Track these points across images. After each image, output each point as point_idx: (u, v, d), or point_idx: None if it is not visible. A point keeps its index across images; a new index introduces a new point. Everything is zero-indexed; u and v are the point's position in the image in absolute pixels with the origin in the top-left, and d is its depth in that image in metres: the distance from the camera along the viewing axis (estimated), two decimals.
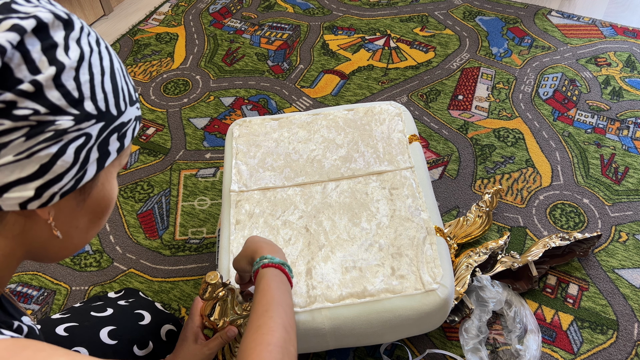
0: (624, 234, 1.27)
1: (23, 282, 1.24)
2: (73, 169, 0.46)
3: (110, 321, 0.83)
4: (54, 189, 0.45)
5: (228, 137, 1.20)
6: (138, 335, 0.83)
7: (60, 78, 0.43)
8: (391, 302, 0.89)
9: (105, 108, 0.47)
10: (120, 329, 0.82)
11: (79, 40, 0.45)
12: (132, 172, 1.47)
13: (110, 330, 0.81)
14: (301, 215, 1.03)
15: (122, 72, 0.51)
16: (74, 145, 0.45)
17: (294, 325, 0.68)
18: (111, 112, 0.48)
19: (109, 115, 0.48)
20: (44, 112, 0.42)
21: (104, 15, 2.06)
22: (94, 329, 0.81)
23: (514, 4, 1.97)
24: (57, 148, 0.44)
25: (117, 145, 0.50)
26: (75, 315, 0.83)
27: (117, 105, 0.49)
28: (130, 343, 0.81)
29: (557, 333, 1.11)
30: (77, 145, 0.45)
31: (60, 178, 0.45)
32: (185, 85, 1.72)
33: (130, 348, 0.81)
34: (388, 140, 1.14)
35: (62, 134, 0.44)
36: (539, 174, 1.40)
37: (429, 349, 1.08)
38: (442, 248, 0.96)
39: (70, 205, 0.49)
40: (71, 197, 0.48)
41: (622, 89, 1.62)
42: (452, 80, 1.68)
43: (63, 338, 0.78)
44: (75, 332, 0.79)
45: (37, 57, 0.42)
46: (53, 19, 0.43)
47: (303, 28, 1.92)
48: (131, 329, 0.84)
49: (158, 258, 1.27)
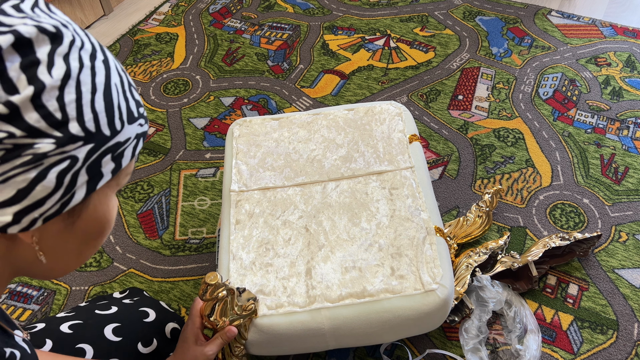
0: (624, 234, 1.27)
1: (23, 282, 1.24)
2: (56, 194, 0.42)
3: (115, 319, 0.83)
4: (34, 214, 0.42)
5: (228, 137, 1.20)
6: (142, 332, 0.83)
7: (41, 98, 0.39)
8: (391, 302, 0.89)
9: (96, 129, 0.43)
10: (124, 326, 0.82)
11: (67, 56, 0.41)
12: (132, 172, 1.47)
13: (114, 328, 0.81)
14: (301, 215, 1.03)
15: (121, 88, 0.46)
16: (56, 169, 0.41)
17: None
18: (103, 132, 0.44)
19: (99, 136, 0.44)
20: (20, 135, 0.39)
21: (104, 15, 2.06)
22: (98, 326, 0.80)
23: (514, 4, 1.97)
24: (36, 173, 0.40)
25: (112, 166, 0.46)
26: (79, 313, 0.83)
27: (110, 125, 0.44)
28: (135, 340, 0.81)
29: (557, 333, 1.11)
30: (60, 169, 0.41)
31: (42, 203, 0.42)
32: (185, 85, 1.72)
33: (134, 345, 0.81)
34: (388, 140, 1.14)
35: (41, 158, 0.40)
36: (539, 174, 1.40)
37: (429, 349, 1.08)
38: (442, 248, 0.96)
39: (58, 228, 0.45)
40: (58, 220, 0.45)
41: (622, 89, 1.62)
42: (452, 80, 1.68)
43: (67, 335, 0.78)
44: (79, 330, 0.79)
45: (15, 76, 0.38)
46: (37, 33, 0.39)
47: (303, 28, 1.92)
48: (136, 326, 0.83)
49: (158, 258, 1.27)
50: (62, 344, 0.77)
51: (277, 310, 0.89)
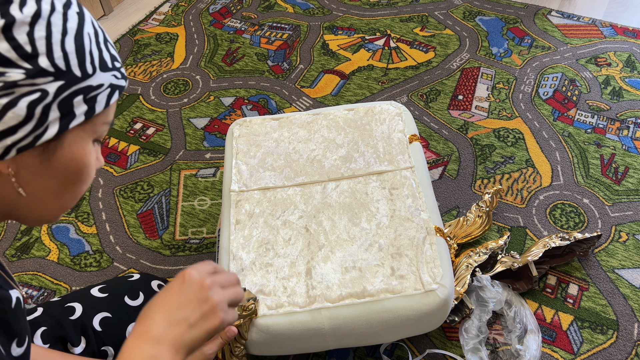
0: (624, 234, 1.27)
1: (23, 282, 1.24)
2: (28, 124, 0.45)
3: (101, 283, 0.89)
4: (6, 142, 0.45)
5: (228, 137, 1.20)
6: (128, 288, 0.87)
7: (11, 31, 0.43)
8: (391, 302, 0.89)
9: (66, 67, 0.47)
10: (110, 285, 0.87)
11: (40, 0, 0.46)
12: (132, 172, 1.47)
13: (100, 287, 0.86)
14: (301, 215, 1.03)
15: (95, 39, 0.50)
16: (27, 99, 0.45)
17: None
18: (73, 72, 0.47)
19: (70, 75, 0.47)
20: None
21: (104, 15, 2.06)
22: (85, 290, 0.86)
23: (514, 4, 1.97)
24: (7, 100, 0.44)
25: (85, 108, 0.49)
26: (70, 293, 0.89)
27: (81, 67, 0.48)
28: (121, 295, 0.85)
29: (557, 333, 1.11)
30: (31, 99, 0.45)
31: (14, 131, 0.45)
32: (185, 85, 1.72)
33: (121, 299, 0.85)
34: (388, 140, 1.14)
35: (12, 86, 0.44)
36: (539, 174, 1.40)
37: (429, 349, 1.08)
38: (442, 248, 0.96)
39: (34, 162, 0.48)
40: (33, 155, 0.47)
41: (622, 89, 1.62)
42: (452, 80, 1.68)
43: (56, 301, 0.83)
44: (67, 296, 0.85)
45: None
46: None
47: (303, 28, 1.92)
48: (120, 284, 0.88)
49: (158, 258, 1.27)
50: (50, 304, 0.81)
51: (277, 310, 0.89)
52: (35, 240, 1.33)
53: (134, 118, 1.63)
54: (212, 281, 0.61)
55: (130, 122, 1.61)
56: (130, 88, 1.73)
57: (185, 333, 0.57)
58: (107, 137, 1.57)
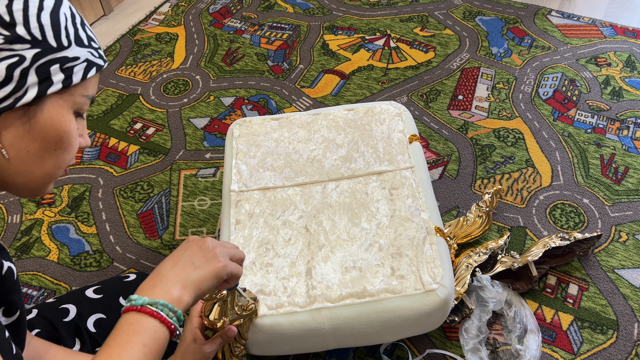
0: (624, 234, 1.27)
1: (23, 282, 1.24)
2: (8, 85, 0.49)
3: (97, 284, 0.89)
4: None
5: (228, 137, 1.20)
6: (123, 289, 0.88)
7: None
8: (391, 302, 0.89)
9: (42, 37, 0.51)
10: (105, 286, 0.87)
11: None
12: (132, 172, 1.47)
13: (95, 289, 0.86)
14: (301, 215, 1.03)
15: (71, 19, 0.55)
16: (6, 62, 0.49)
17: None
18: (49, 42, 0.52)
19: (46, 45, 0.52)
20: None
21: (104, 15, 2.06)
22: (80, 291, 0.86)
23: (514, 4, 1.97)
24: None
25: (61, 76, 0.53)
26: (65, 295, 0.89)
27: (57, 39, 0.52)
28: (116, 296, 0.85)
29: (557, 333, 1.11)
30: (10, 62, 0.49)
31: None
32: (185, 85, 1.72)
33: (116, 300, 0.85)
34: (388, 140, 1.14)
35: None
36: (539, 174, 1.40)
37: (429, 349, 1.08)
38: (442, 248, 0.96)
39: (15, 125, 0.51)
40: (15, 117, 0.51)
41: (622, 89, 1.62)
42: (452, 80, 1.68)
43: (51, 303, 0.83)
44: (62, 297, 0.85)
45: None
46: None
47: (303, 28, 1.92)
48: (116, 285, 0.88)
49: (158, 258, 1.27)
50: (45, 306, 0.81)
51: (278, 310, 0.89)
52: (35, 240, 1.33)
53: (134, 118, 1.63)
54: (212, 240, 0.67)
55: (130, 122, 1.61)
56: (130, 88, 1.73)
57: (191, 272, 0.62)
58: (107, 137, 1.57)
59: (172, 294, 0.59)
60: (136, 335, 0.55)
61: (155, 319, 0.57)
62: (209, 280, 0.63)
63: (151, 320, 0.56)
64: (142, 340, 0.55)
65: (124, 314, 0.57)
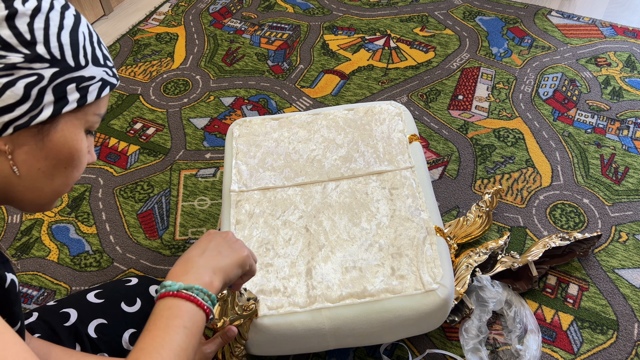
0: (624, 234, 1.27)
1: (23, 282, 1.24)
2: (25, 104, 0.50)
3: (98, 287, 0.88)
4: (4, 118, 0.49)
5: (228, 137, 1.20)
6: (124, 293, 0.87)
7: (14, 20, 0.49)
8: (391, 302, 0.89)
9: (61, 56, 0.52)
10: (106, 290, 0.87)
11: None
12: (132, 172, 1.47)
13: (97, 293, 0.86)
14: (301, 215, 1.03)
15: (89, 38, 0.55)
16: (25, 81, 0.49)
17: None
18: (67, 61, 0.52)
19: (64, 64, 0.52)
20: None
21: (104, 15, 2.06)
22: (81, 294, 0.86)
23: (514, 4, 1.97)
24: (6, 80, 0.48)
25: (77, 96, 0.53)
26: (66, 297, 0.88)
27: (75, 58, 0.53)
28: (117, 301, 0.85)
29: (557, 333, 1.11)
30: (28, 81, 0.50)
31: (11, 109, 0.49)
32: (185, 85, 1.72)
33: (117, 305, 0.84)
34: (388, 140, 1.14)
35: (11, 68, 0.49)
36: (539, 174, 1.40)
37: (429, 349, 1.08)
38: (442, 248, 0.96)
39: (29, 143, 0.52)
40: (28, 135, 0.52)
41: (622, 89, 1.62)
42: (452, 80, 1.68)
43: (52, 306, 0.82)
44: (63, 300, 0.84)
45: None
46: None
47: (303, 28, 1.92)
48: (117, 289, 0.88)
49: (158, 258, 1.27)
50: (46, 309, 0.81)
51: (278, 311, 0.89)
52: (35, 240, 1.33)
53: (134, 118, 1.62)
54: (233, 234, 0.71)
55: (130, 122, 1.61)
56: (130, 88, 1.73)
57: (220, 260, 0.65)
58: (107, 137, 1.57)
59: (204, 279, 0.61)
60: (176, 319, 0.57)
61: (192, 303, 0.59)
62: (235, 269, 0.66)
63: (189, 304, 0.59)
64: (182, 323, 0.57)
65: (160, 299, 0.59)
